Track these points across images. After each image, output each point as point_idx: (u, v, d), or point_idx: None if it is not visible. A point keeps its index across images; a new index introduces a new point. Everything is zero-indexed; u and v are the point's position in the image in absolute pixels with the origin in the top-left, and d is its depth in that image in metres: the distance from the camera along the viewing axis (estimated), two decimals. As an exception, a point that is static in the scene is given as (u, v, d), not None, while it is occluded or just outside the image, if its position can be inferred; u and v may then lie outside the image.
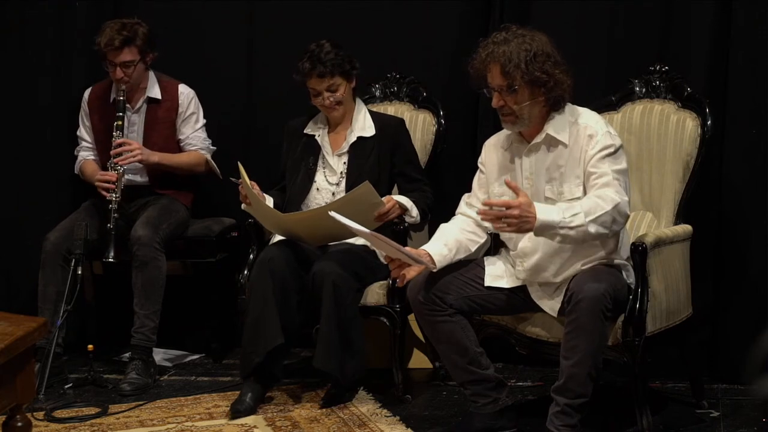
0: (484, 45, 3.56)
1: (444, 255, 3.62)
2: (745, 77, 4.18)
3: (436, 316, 3.62)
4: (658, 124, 4.03)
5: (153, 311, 4.43)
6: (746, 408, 3.94)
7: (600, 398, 3.58)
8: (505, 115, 3.55)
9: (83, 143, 4.76)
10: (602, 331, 3.45)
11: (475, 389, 3.68)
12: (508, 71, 3.47)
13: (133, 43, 4.52)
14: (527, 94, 3.49)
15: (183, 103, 4.68)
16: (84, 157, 4.75)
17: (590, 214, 3.34)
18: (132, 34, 4.52)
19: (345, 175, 4.24)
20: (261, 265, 4.05)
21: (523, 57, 3.46)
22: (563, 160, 3.53)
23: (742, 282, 4.20)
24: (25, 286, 4.78)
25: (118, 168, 4.50)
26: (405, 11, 4.72)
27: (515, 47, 3.47)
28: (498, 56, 3.48)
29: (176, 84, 4.71)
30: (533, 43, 3.49)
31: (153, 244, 4.39)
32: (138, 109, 4.67)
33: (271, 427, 3.86)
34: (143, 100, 4.66)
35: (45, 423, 3.96)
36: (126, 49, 4.51)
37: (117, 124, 4.53)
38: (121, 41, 4.49)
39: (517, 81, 3.47)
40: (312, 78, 4.18)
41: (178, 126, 4.68)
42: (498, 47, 3.50)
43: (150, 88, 4.67)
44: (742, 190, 4.20)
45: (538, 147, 3.57)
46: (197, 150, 4.70)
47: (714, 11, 4.25)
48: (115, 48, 4.49)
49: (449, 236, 3.67)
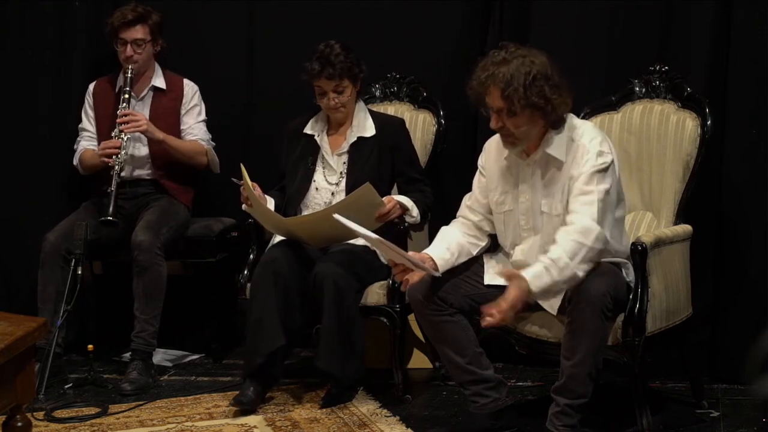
0: (482, 66, 3.53)
1: (446, 259, 3.63)
2: (745, 77, 4.18)
3: (436, 315, 3.62)
4: (658, 124, 4.03)
5: (153, 316, 4.43)
6: (746, 408, 3.94)
7: (600, 398, 3.58)
8: (505, 136, 3.55)
9: (85, 133, 4.76)
10: (603, 331, 3.46)
11: (475, 389, 3.68)
12: (508, 95, 3.44)
13: (146, 22, 4.60)
14: (526, 117, 3.47)
15: (188, 94, 4.73)
16: (84, 147, 4.74)
17: (575, 256, 3.37)
18: (146, 13, 4.61)
19: (345, 175, 4.24)
20: (264, 266, 4.05)
21: (521, 81, 3.43)
22: (559, 177, 3.53)
23: (742, 282, 4.20)
24: (25, 286, 4.78)
25: (123, 137, 4.52)
26: (405, 11, 4.72)
27: (515, 69, 3.44)
28: (498, 80, 3.46)
29: (181, 78, 4.76)
30: (533, 66, 3.45)
31: (154, 249, 4.39)
32: (143, 98, 4.69)
33: (271, 427, 3.86)
34: (148, 89, 4.70)
35: (45, 423, 3.96)
36: (139, 26, 4.58)
37: (124, 97, 4.57)
38: (135, 17, 4.57)
39: (515, 105, 3.45)
40: (320, 79, 4.18)
41: (182, 116, 4.70)
42: (498, 69, 3.47)
43: (155, 77, 4.71)
44: (742, 190, 4.20)
45: (535, 163, 3.58)
46: (198, 140, 4.70)
47: (714, 11, 4.24)
48: (128, 22, 4.56)
49: (452, 240, 3.68)
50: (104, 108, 4.71)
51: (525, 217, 3.60)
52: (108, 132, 4.62)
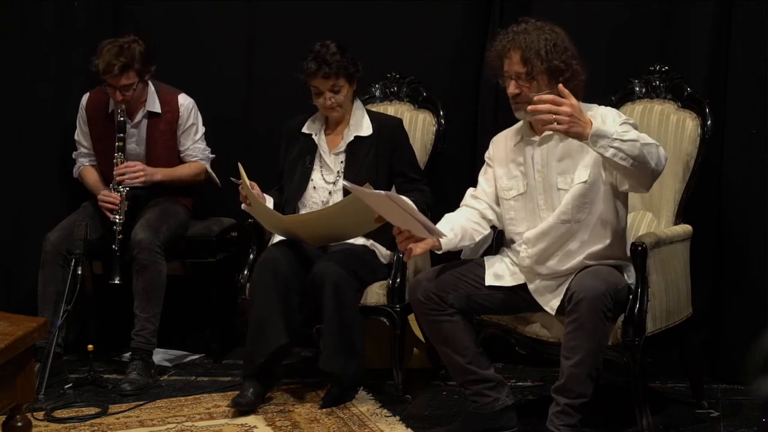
0: (503, 33, 3.60)
1: (450, 239, 3.61)
2: (745, 77, 4.18)
3: (436, 315, 3.62)
4: (658, 124, 4.03)
5: (153, 314, 4.43)
6: (746, 408, 3.94)
7: (600, 398, 3.58)
8: (519, 103, 3.55)
9: (81, 149, 4.74)
10: (603, 331, 3.46)
11: (475, 389, 3.68)
12: (528, 58, 3.50)
13: (132, 68, 4.46)
14: (545, 82, 3.51)
15: (183, 115, 4.65)
16: (83, 164, 4.74)
17: (641, 137, 3.31)
18: (130, 59, 4.44)
19: (342, 174, 4.24)
20: (263, 265, 4.05)
21: (543, 45, 3.50)
22: (574, 148, 3.53)
23: (742, 282, 4.20)
24: (25, 286, 4.78)
25: (121, 190, 4.50)
26: (405, 11, 4.72)
27: (535, 36, 3.52)
28: (519, 43, 3.53)
29: (176, 95, 4.67)
30: (553, 34, 3.54)
31: (153, 247, 4.39)
32: (138, 123, 4.64)
33: (271, 427, 3.86)
34: (143, 114, 4.63)
35: (45, 423, 3.96)
36: (125, 75, 4.45)
37: (118, 145, 4.52)
38: (120, 68, 4.42)
39: (536, 68, 3.50)
40: (317, 78, 4.18)
41: (179, 137, 4.68)
42: (518, 35, 3.54)
43: (150, 102, 4.63)
44: (742, 190, 4.20)
45: (550, 138, 3.58)
46: (197, 161, 4.70)
47: (714, 11, 4.24)
48: (114, 75, 4.43)
49: (455, 223, 3.67)
50: (97, 128, 4.66)
51: (543, 197, 3.59)
52: (104, 152, 4.60)
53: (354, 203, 3.93)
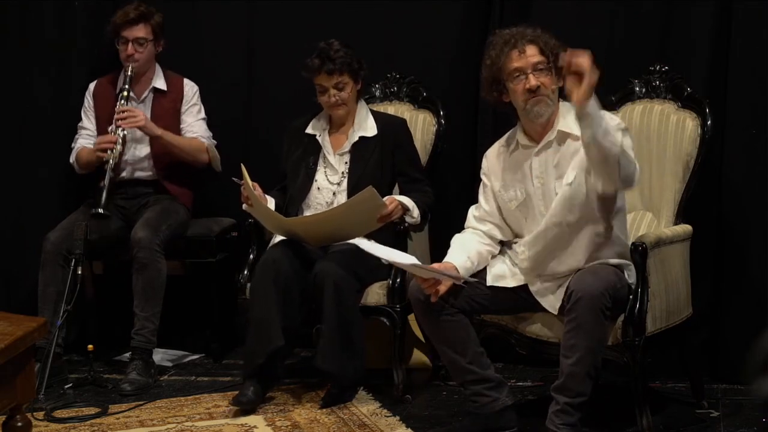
0: (499, 34, 3.60)
1: (468, 268, 3.64)
2: (745, 77, 4.18)
3: (437, 315, 3.62)
4: (658, 124, 4.03)
5: (153, 313, 4.43)
6: (746, 408, 3.94)
7: (600, 398, 3.58)
8: (540, 96, 3.54)
9: (84, 131, 4.75)
10: (602, 330, 3.46)
11: (475, 389, 3.68)
12: (544, 49, 3.52)
13: (149, 21, 4.61)
14: (555, 77, 3.53)
15: (188, 94, 4.73)
16: (81, 144, 4.74)
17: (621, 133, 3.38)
18: (148, 12, 4.62)
19: (346, 175, 4.24)
20: (264, 266, 4.05)
21: (548, 38, 3.54)
22: (571, 152, 3.53)
23: (742, 282, 4.20)
24: (25, 286, 4.78)
25: (120, 133, 4.53)
26: (405, 11, 4.72)
27: (539, 32, 3.55)
28: (529, 37, 3.54)
29: (181, 78, 4.76)
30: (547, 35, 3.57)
31: (153, 246, 4.39)
32: (143, 99, 4.69)
33: (271, 427, 3.86)
34: (149, 90, 4.70)
35: (45, 423, 3.96)
36: (141, 25, 4.59)
37: (122, 94, 4.58)
38: (137, 15, 4.58)
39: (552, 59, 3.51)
40: (320, 74, 4.19)
41: (182, 115, 4.71)
42: (519, 35, 3.55)
43: (156, 78, 4.71)
44: (742, 190, 4.20)
45: (549, 145, 3.58)
46: (198, 137, 4.70)
47: (714, 11, 4.24)
48: (130, 21, 4.56)
49: (470, 248, 3.68)
50: (104, 108, 4.70)
51: (543, 202, 3.60)
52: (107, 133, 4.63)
53: (356, 205, 3.94)
